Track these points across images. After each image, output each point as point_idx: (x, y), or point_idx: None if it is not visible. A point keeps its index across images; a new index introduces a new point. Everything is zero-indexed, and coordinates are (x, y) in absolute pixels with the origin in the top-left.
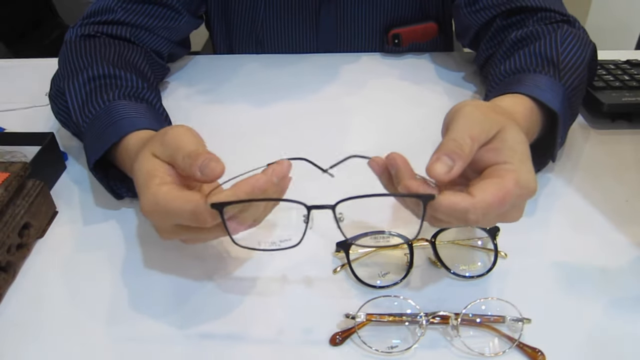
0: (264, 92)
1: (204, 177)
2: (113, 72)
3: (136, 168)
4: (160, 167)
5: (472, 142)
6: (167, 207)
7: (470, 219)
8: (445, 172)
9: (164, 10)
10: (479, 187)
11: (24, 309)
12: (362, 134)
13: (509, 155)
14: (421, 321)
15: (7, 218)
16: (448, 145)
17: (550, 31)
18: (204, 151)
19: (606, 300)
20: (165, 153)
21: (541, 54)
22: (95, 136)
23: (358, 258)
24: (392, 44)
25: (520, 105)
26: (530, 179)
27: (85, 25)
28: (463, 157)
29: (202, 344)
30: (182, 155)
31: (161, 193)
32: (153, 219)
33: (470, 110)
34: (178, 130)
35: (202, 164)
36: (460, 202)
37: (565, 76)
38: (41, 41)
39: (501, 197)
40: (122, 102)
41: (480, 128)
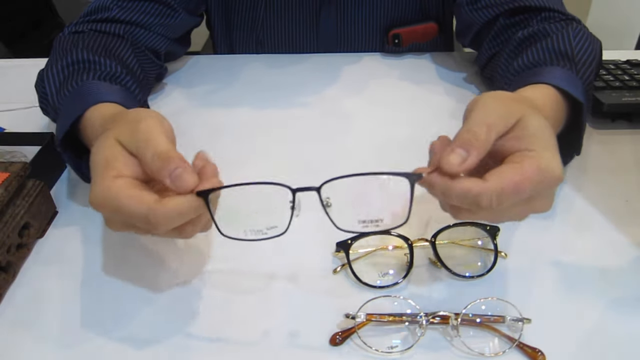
0: (264, 92)
1: (173, 186)
2: (92, 58)
3: (94, 151)
4: (120, 156)
5: (489, 131)
6: (119, 205)
7: (483, 203)
8: (459, 164)
9: (160, 7)
10: (494, 173)
11: (24, 309)
12: (363, 134)
13: (531, 141)
14: (421, 321)
15: (7, 218)
16: (462, 136)
17: (560, 28)
18: (175, 155)
19: (606, 300)
20: (132, 144)
21: (555, 50)
22: (63, 115)
23: (358, 258)
24: (392, 44)
25: (546, 97)
26: (554, 164)
27: (80, 24)
28: (478, 147)
29: (201, 344)
30: (152, 153)
31: (114, 188)
32: (102, 212)
33: (488, 100)
34: (149, 122)
35: (174, 172)
36: (472, 186)
37: (582, 70)
38: (41, 41)
39: (517, 181)
40: (94, 82)
41: (497, 116)
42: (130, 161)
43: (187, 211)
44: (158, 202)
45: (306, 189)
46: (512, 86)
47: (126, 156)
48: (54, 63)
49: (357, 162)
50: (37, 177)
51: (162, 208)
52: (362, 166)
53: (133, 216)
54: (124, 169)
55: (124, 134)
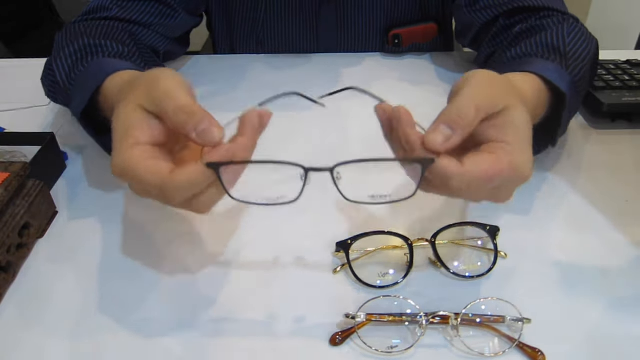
0: (264, 92)
1: (200, 140)
2: (99, 42)
3: (114, 119)
4: (138, 122)
5: (477, 112)
6: (135, 175)
7: (454, 186)
8: (442, 142)
9: (160, 7)
10: (471, 159)
11: (24, 309)
12: (362, 135)
13: (511, 135)
14: (421, 321)
15: (7, 218)
16: (450, 114)
17: (556, 23)
18: (199, 109)
19: (606, 300)
20: (152, 102)
21: (547, 43)
22: (80, 91)
23: (358, 258)
24: (392, 45)
25: (529, 84)
26: (526, 164)
27: (80, 22)
28: (463, 127)
29: (201, 344)
30: (174, 107)
31: (132, 158)
32: (123, 181)
33: (480, 79)
34: (168, 78)
35: (200, 126)
36: (448, 166)
37: (572, 66)
38: (41, 41)
39: (491, 174)
40: (105, 59)
41: (488, 99)
42: (148, 125)
43: (198, 181)
44: (171, 173)
45: (320, 169)
46: (501, 72)
47: (144, 120)
48: (60, 52)
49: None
50: (37, 177)
51: (174, 179)
52: (362, 166)
53: (149, 186)
54: (142, 135)
55: (142, 95)
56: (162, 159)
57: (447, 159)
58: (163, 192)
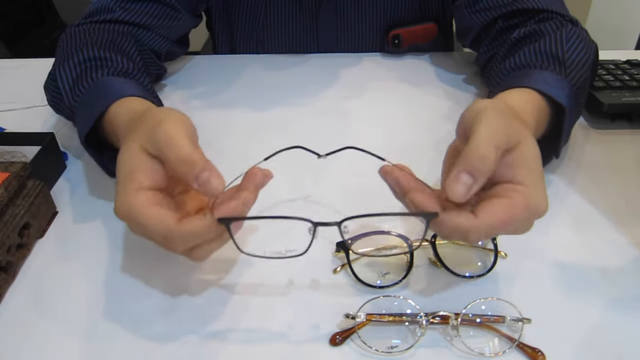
0: (264, 92)
1: (201, 190)
2: (103, 54)
3: (119, 158)
4: (142, 166)
5: (497, 153)
6: (139, 221)
7: (472, 239)
8: (464, 194)
9: (163, 8)
10: (484, 209)
11: (24, 309)
12: (362, 135)
13: (525, 174)
14: (421, 321)
15: (7, 218)
16: (471, 159)
17: (555, 29)
18: (199, 158)
19: (606, 300)
20: (154, 148)
21: (546, 52)
22: (84, 111)
23: (358, 258)
24: (392, 45)
25: (529, 102)
26: (542, 201)
27: (83, 25)
28: (485, 173)
29: (201, 345)
30: (176, 157)
31: (136, 203)
32: (125, 222)
33: (494, 115)
34: (170, 125)
35: (202, 177)
36: (463, 223)
37: (571, 74)
38: (42, 41)
39: (506, 220)
40: (110, 78)
41: (505, 136)
42: (151, 169)
43: (204, 233)
44: (177, 224)
45: (327, 224)
46: (499, 87)
47: (147, 164)
48: (64, 61)
49: (357, 162)
50: (37, 177)
51: (181, 229)
52: (362, 167)
53: (153, 234)
54: (145, 179)
55: (145, 139)
56: (166, 207)
57: (458, 215)
58: (167, 241)
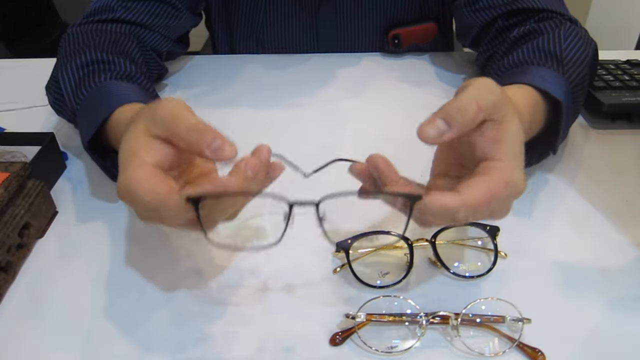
0: (264, 92)
1: (214, 156)
2: (106, 57)
3: (121, 146)
4: (144, 144)
5: (478, 111)
6: (136, 196)
7: (460, 218)
8: (434, 137)
9: (164, 7)
10: (465, 186)
11: (24, 309)
12: (362, 135)
13: (505, 151)
14: (421, 321)
15: (7, 218)
16: (449, 109)
17: (553, 27)
18: (209, 127)
19: (606, 300)
20: (160, 127)
21: (544, 49)
22: (87, 116)
23: (358, 258)
24: (392, 45)
25: (525, 97)
26: (519, 179)
27: (84, 24)
28: (460, 123)
29: (200, 344)
30: (185, 126)
31: (135, 177)
32: (127, 204)
33: (484, 82)
34: (172, 102)
35: (214, 144)
36: (448, 202)
37: (569, 71)
38: (42, 41)
39: (489, 196)
40: (113, 82)
41: (490, 101)
42: (154, 148)
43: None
44: (169, 194)
45: (304, 202)
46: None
47: (151, 144)
48: (67, 63)
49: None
50: (37, 177)
51: (170, 201)
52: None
53: (148, 207)
54: (147, 156)
55: (149, 120)
56: (162, 181)
57: (441, 195)
58: (161, 213)
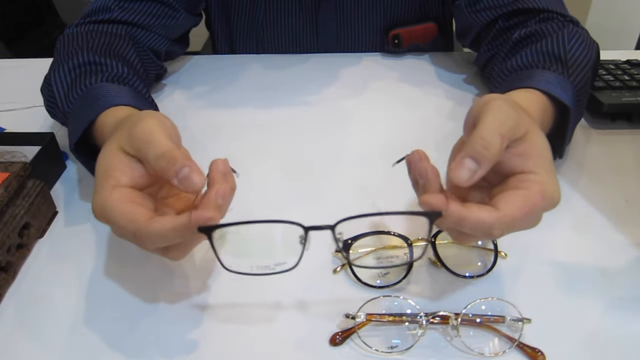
0: (264, 92)
1: (181, 187)
2: (98, 59)
3: (98, 161)
4: (119, 164)
5: (502, 141)
6: (112, 219)
7: (495, 234)
8: (467, 179)
9: (162, 7)
10: (503, 200)
11: (24, 309)
12: (362, 135)
13: (537, 163)
14: (421, 321)
15: (7, 218)
16: (475, 146)
17: (556, 30)
18: (179, 154)
19: (606, 300)
20: (133, 147)
21: (548, 52)
22: (76, 118)
23: (358, 258)
24: (392, 45)
25: (534, 102)
26: (555, 190)
27: (82, 25)
28: (489, 159)
29: (200, 344)
30: (154, 154)
31: (110, 200)
32: (103, 222)
33: (500, 105)
34: (148, 123)
35: (181, 172)
36: (486, 217)
37: (574, 74)
38: (42, 41)
39: (527, 211)
40: (103, 84)
41: (511, 125)
42: (129, 167)
43: (171, 235)
44: (146, 223)
45: (320, 227)
46: (502, 88)
47: (125, 163)
48: (59, 66)
49: (357, 162)
50: (37, 177)
51: (149, 228)
52: (362, 167)
53: (124, 231)
54: (122, 177)
55: (124, 139)
56: (141, 204)
57: (479, 208)
58: (137, 239)
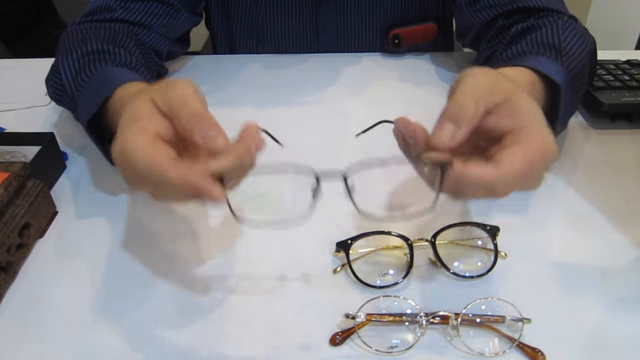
0: (264, 92)
1: (205, 142)
2: (106, 48)
3: (124, 110)
4: (147, 113)
5: (477, 105)
6: (133, 159)
7: (498, 190)
8: (449, 138)
9: (163, 7)
10: (504, 156)
11: (24, 309)
12: (362, 135)
13: (525, 119)
14: (421, 321)
15: (7, 218)
16: (451, 110)
17: (552, 22)
18: (211, 118)
19: (606, 300)
20: (167, 105)
21: (543, 41)
22: (88, 98)
23: (358, 258)
24: (392, 45)
25: (522, 76)
26: (550, 141)
27: (83, 23)
28: (466, 120)
29: (199, 344)
30: (188, 113)
31: (134, 142)
32: (121, 166)
33: (475, 74)
34: (186, 89)
35: (209, 133)
36: (488, 172)
37: (568, 61)
38: (42, 41)
39: (528, 163)
40: (113, 68)
41: (485, 90)
42: (157, 120)
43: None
44: (169, 166)
45: (332, 173)
46: None
47: (154, 114)
48: (67, 54)
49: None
50: (37, 177)
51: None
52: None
53: (143, 173)
54: (149, 125)
55: (159, 95)
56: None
57: (480, 165)
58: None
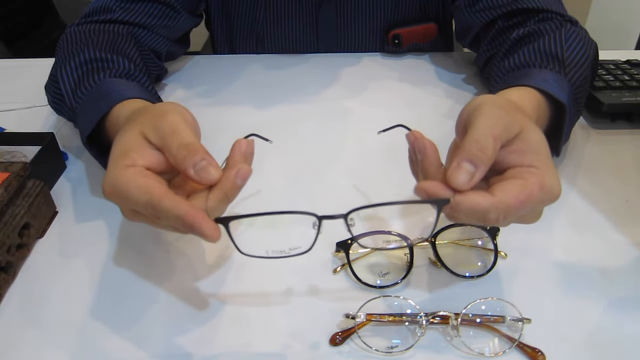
0: (264, 92)
1: (197, 177)
2: (104, 56)
3: (115, 142)
4: (138, 147)
5: (495, 143)
6: (125, 193)
7: (490, 219)
8: (467, 182)
9: (163, 8)
10: (500, 188)
11: (24, 309)
12: (362, 135)
13: (534, 158)
14: (421, 321)
15: (7, 218)
16: (470, 149)
17: (554, 29)
18: (201, 148)
19: (606, 300)
20: (157, 136)
21: (546, 51)
22: (87, 113)
23: (358, 258)
24: (392, 45)
25: (528, 100)
26: (555, 183)
27: (82, 24)
28: (486, 161)
29: (199, 344)
30: (178, 143)
31: (125, 176)
32: (112, 200)
33: (490, 108)
34: (176, 117)
35: (199, 164)
36: (481, 202)
37: (570, 73)
38: (42, 41)
39: (523, 199)
40: (112, 80)
41: (502, 127)
42: (147, 153)
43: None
44: (164, 194)
45: (333, 217)
46: (499, 86)
47: (145, 148)
48: (65, 62)
49: (357, 161)
50: (37, 177)
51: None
52: (362, 166)
53: (138, 204)
54: (139, 159)
55: (148, 126)
56: (155, 181)
57: (474, 194)
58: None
